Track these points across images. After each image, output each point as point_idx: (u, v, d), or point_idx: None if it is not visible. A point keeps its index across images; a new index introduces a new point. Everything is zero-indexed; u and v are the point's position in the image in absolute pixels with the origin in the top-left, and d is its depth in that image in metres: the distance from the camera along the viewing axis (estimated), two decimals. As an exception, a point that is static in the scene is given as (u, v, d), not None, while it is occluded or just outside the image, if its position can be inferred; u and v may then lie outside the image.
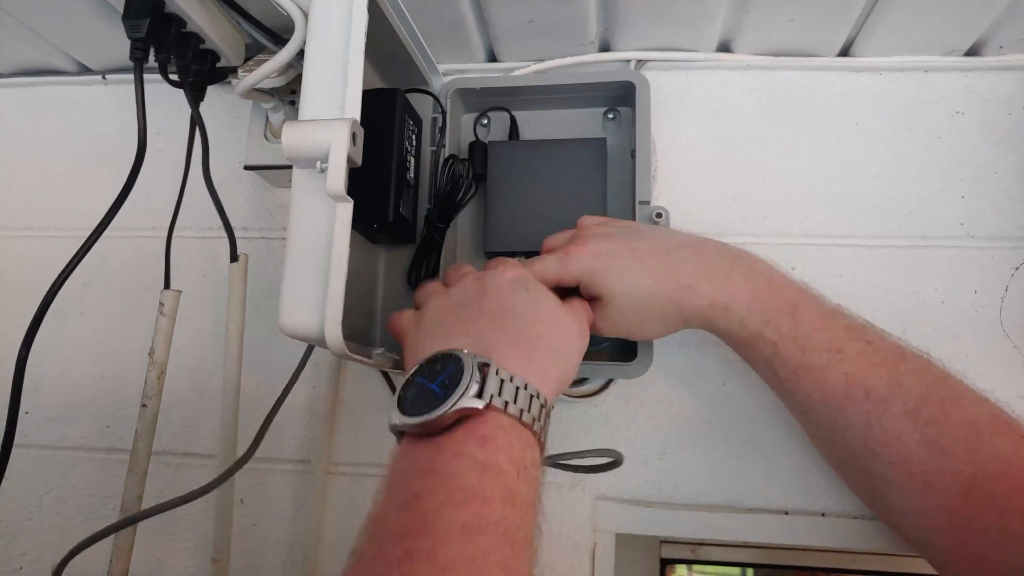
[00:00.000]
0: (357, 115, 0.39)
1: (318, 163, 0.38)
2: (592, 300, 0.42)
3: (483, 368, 0.32)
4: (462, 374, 0.32)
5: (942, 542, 0.37)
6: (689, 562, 0.55)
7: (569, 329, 0.39)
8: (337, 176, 0.37)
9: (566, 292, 0.43)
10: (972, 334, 0.51)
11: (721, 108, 0.56)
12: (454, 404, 0.31)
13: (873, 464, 0.39)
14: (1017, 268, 0.52)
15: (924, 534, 0.38)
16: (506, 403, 0.32)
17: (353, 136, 0.38)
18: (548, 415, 0.34)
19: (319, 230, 0.39)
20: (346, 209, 0.39)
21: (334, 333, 0.38)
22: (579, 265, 0.41)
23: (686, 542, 0.54)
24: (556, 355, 0.37)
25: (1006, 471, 0.35)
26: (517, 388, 0.32)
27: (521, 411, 0.32)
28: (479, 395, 0.31)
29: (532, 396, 0.33)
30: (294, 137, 0.39)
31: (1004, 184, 0.53)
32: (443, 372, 0.32)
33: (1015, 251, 0.52)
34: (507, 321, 0.36)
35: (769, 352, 0.41)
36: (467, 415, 0.31)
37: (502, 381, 0.32)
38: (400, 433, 0.33)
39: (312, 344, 0.48)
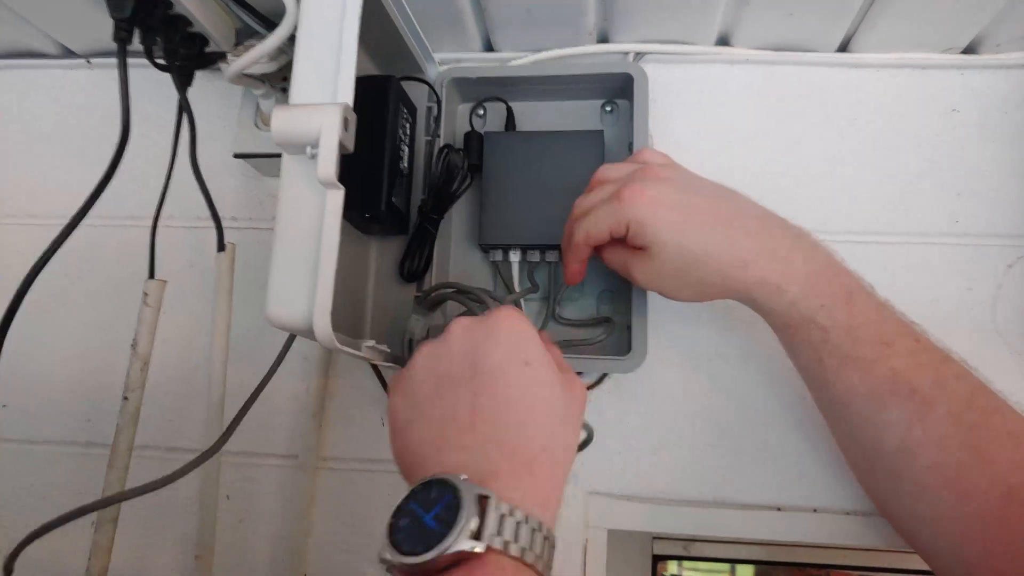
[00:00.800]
0: (350, 100, 0.38)
1: (308, 148, 0.37)
2: (637, 248, 0.41)
3: (482, 501, 0.29)
4: (459, 509, 0.29)
5: (972, 550, 0.37)
6: (681, 558, 0.54)
7: (568, 423, 0.36)
8: (328, 162, 0.36)
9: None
10: (965, 331, 0.51)
11: (719, 102, 0.56)
12: (450, 546, 0.28)
13: (908, 466, 0.38)
14: (1010, 266, 0.52)
15: (953, 540, 0.38)
16: (507, 543, 0.29)
17: (345, 121, 0.37)
18: (552, 546, 0.32)
19: (309, 218, 0.38)
20: (337, 197, 0.38)
21: (323, 324, 0.37)
22: (632, 213, 0.39)
23: (678, 538, 0.54)
24: (556, 466, 0.34)
25: None
26: (518, 523, 0.30)
27: (523, 550, 0.29)
28: (478, 535, 0.29)
29: (534, 530, 0.30)
30: (284, 121, 0.37)
31: (999, 182, 0.53)
32: (439, 502, 0.30)
33: (1009, 249, 0.52)
34: (506, 431, 0.33)
35: (818, 338, 0.39)
36: (465, 558, 0.29)
37: (502, 516, 0.29)
38: (391, 567, 0.30)
39: (301, 335, 0.47)
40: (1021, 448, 0.36)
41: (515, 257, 0.51)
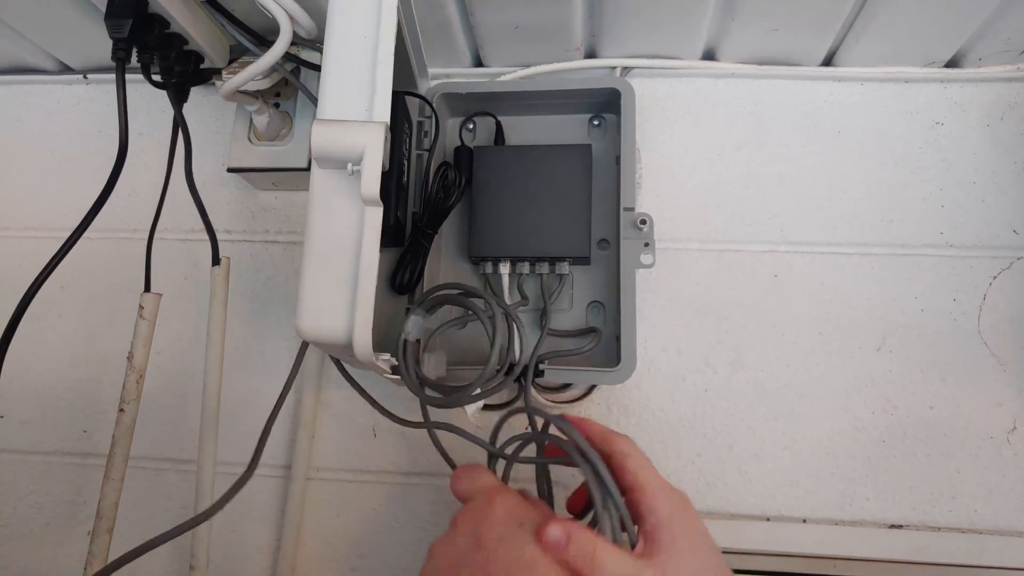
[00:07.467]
0: (387, 118, 0.38)
1: (349, 165, 0.37)
2: None
3: None
4: None
5: None
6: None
7: None
8: (372, 180, 0.36)
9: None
10: (951, 342, 0.51)
11: (705, 116, 0.57)
12: None
13: None
14: (995, 277, 0.52)
15: None
16: None
17: (385, 139, 0.37)
18: None
19: (345, 233, 0.38)
20: (377, 213, 0.38)
21: (363, 340, 0.37)
22: None
23: (669, 548, 0.54)
24: None
25: None
26: None
27: None
28: None
29: None
30: (325, 137, 0.37)
31: (982, 194, 0.53)
32: None
33: (993, 260, 0.52)
34: None
35: None
36: None
37: None
38: None
39: (329, 351, 0.46)
40: None
41: (505, 269, 0.51)
